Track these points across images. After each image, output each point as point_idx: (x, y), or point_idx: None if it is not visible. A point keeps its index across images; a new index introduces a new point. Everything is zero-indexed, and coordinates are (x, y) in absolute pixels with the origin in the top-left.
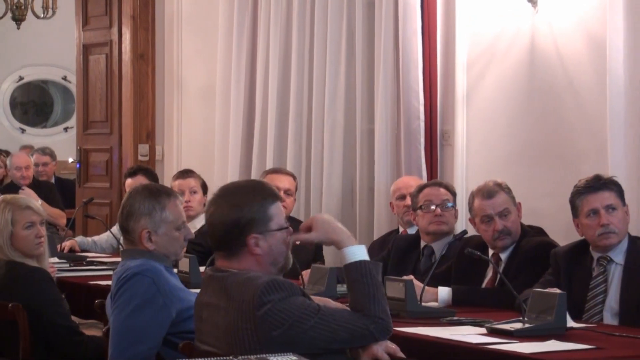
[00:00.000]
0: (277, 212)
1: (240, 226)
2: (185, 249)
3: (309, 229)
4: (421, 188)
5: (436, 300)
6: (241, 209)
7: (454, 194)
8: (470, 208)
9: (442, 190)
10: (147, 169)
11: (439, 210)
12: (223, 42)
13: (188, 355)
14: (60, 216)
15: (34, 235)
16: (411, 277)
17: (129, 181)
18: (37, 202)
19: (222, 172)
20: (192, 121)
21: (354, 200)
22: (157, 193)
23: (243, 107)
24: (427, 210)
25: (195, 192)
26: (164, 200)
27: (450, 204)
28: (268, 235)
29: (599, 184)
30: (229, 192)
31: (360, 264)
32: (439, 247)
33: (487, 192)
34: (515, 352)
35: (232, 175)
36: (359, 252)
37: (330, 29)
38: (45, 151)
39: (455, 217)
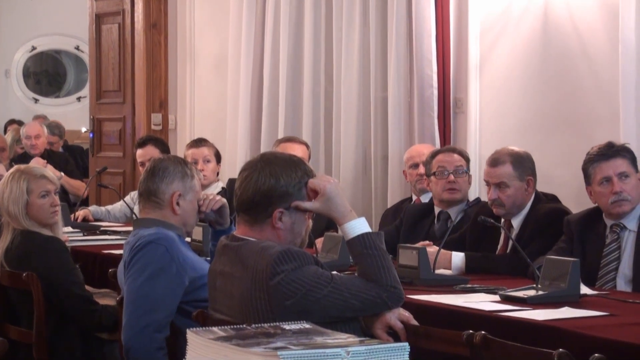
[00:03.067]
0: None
1: (271, 196)
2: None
3: (316, 193)
4: (434, 154)
5: (450, 266)
6: (278, 180)
7: (467, 160)
8: None
9: (455, 156)
10: (157, 139)
11: (452, 177)
12: (234, 9)
13: (202, 324)
14: (81, 187)
15: (49, 204)
16: (428, 242)
17: (139, 152)
18: (51, 172)
19: (232, 142)
20: (205, 90)
21: (368, 169)
22: (187, 162)
23: (252, 76)
24: (441, 176)
25: (208, 161)
26: (193, 171)
27: (463, 170)
28: (293, 213)
29: (612, 151)
30: (270, 161)
31: (362, 237)
32: (454, 212)
33: (493, 159)
34: (529, 319)
35: (241, 144)
36: (359, 226)
37: None
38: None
39: (469, 182)
